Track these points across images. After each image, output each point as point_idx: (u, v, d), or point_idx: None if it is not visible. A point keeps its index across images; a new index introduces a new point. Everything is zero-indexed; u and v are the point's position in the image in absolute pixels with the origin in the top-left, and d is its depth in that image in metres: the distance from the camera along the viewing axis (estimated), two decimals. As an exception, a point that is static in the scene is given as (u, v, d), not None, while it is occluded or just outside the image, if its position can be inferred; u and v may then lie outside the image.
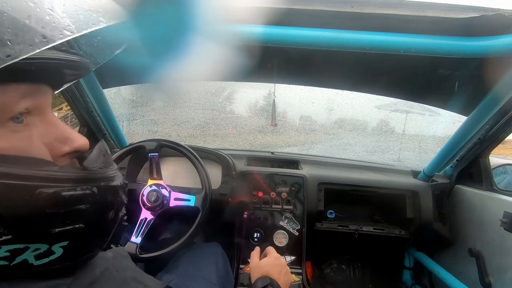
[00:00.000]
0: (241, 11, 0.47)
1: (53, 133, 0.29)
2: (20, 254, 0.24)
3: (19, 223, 0.24)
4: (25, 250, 0.24)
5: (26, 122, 0.27)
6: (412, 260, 1.38)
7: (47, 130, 0.29)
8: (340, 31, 0.64)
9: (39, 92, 0.28)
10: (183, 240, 0.84)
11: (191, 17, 0.35)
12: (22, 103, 0.26)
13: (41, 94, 0.28)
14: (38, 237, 0.25)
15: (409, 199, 1.16)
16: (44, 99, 0.29)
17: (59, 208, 0.26)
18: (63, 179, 0.26)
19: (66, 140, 0.30)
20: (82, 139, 0.31)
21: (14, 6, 0.20)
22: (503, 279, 0.93)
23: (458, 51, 0.62)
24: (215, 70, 0.40)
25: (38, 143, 0.28)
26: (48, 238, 0.26)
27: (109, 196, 0.31)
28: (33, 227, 0.25)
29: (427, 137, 1.63)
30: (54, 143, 0.29)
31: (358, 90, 1.16)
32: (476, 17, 0.57)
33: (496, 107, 0.83)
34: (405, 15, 0.60)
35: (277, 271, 0.67)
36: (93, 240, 0.31)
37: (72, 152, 0.30)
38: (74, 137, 0.30)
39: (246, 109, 1.87)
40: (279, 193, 1.16)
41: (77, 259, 0.29)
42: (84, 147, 0.31)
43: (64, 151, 0.29)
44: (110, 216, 0.31)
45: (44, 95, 0.29)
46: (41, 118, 0.29)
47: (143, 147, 0.95)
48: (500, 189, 1.06)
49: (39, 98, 0.28)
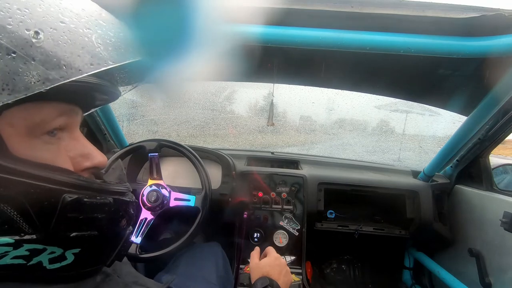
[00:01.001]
0: (241, 11, 0.47)
1: (78, 149, 0.33)
2: (37, 255, 0.27)
3: (43, 224, 0.26)
4: (43, 251, 0.27)
5: (58, 136, 0.31)
6: (412, 260, 1.38)
7: (73, 146, 0.32)
8: (340, 31, 0.64)
9: (72, 112, 0.32)
10: (183, 240, 0.84)
11: (191, 17, 0.35)
12: (58, 120, 0.30)
13: (73, 114, 0.32)
14: (56, 240, 0.28)
15: (409, 199, 1.16)
16: (75, 119, 0.33)
17: (79, 214, 0.28)
18: (86, 187, 0.30)
19: (88, 156, 0.33)
20: (102, 156, 0.35)
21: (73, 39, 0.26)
22: (503, 279, 0.93)
23: (458, 51, 0.62)
24: (215, 70, 0.40)
25: (65, 156, 0.31)
26: (64, 242, 0.28)
27: (122, 210, 0.34)
28: (54, 229, 0.27)
29: (427, 137, 1.63)
30: (77, 158, 0.32)
31: (358, 90, 1.16)
32: (476, 17, 0.57)
33: (496, 107, 0.83)
34: (405, 15, 0.60)
35: (277, 271, 0.67)
36: (101, 251, 0.33)
37: (92, 167, 0.34)
38: (95, 154, 0.34)
39: (246, 109, 1.87)
40: (279, 193, 1.16)
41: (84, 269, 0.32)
42: (103, 163, 0.35)
43: (85, 166, 0.33)
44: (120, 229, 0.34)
45: (75, 115, 0.33)
46: (70, 134, 0.32)
47: (143, 147, 0.95)
48: (500, 189, 1.06)
49: (71, 118, 0.32)
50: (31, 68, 0.23)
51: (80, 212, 0.29)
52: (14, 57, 0.23)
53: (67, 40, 0.25)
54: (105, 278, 0.34)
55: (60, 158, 0.30)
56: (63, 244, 0.28)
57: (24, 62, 0.23)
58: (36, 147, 0.28)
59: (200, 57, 0.38)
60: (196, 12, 0.35)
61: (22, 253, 0.26)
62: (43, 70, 0.24)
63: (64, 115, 0.30)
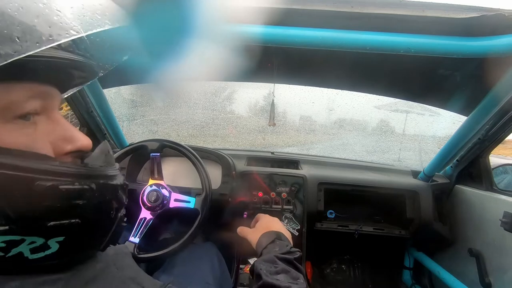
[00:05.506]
0: (241, 11, 0.47)
1: (58, 132, 0.30)
2: (15, 246, 0.25)
3: (17, 214, 0.24)
4: (21, 242, 0.25)
5: (33, 120, 0.28)
6: (412, 260, 1.38)
7: (52, 129, 0.30)
8: (340, 31, 0.64)
9: (47, 94, 0.29)
10: (182, 241, 0.84)
11: (191, 17, 0.35)
12: (30, 103, 0.27)
13: (48, 96, 0.30)
14: (34, 230, 0.26)
15: (409, 199, 1.16)
16: (51, 101, 0.30)
17: (56, 202, 0.26)
18: (61, 173, 0.27)
19: (70, 140, 0.31)
20: (85, 139, 0.32)
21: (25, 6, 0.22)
22: (503, 279, 0.93)
23: (458, 51, 0.62)
24: (215, 70, 0.40)
25: (43, 140, 0.29)
26: (44, 232, 0.26)
27: (108, 195, 0.31)
28: (30, 219, 0.25)
29: (427, 137, 1.63)
30: (58, 142, 0.30)
31: (358, 90, 1.16)
32: (476, 17, 0.57)
33: (496, 107, 0.83)
34: (405, 15, 0.60)
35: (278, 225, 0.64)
36: (90, 237, 0.31)
37: (75, 151, 0.31)
38: (78, 137, 0.31)
39: (246, 109, 1.87)
40: (279, 193, 1.16)
41: (73, 256, 0.30)
42: (86, 147, 0.32)
43: (67, 149, 0.30)
44: (108, 215, 0.32)
45: (51, 98, 0.30)
46: (48, 117, 0.30)
47: (145, 146, 0.95)
48: (500, 189, 1.06)
49: (47, 100, 0.29)
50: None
51: (57, 200, 0.26)
52: None
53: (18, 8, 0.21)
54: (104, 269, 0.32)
55: (38, 143, 0.28)
56: (43, 234, 0.26)
57: None
58: (9, 132, 0.26)
59: (200, 57, 0.38)
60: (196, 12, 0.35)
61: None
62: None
63: (38, 97, 0.28)
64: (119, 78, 1.09)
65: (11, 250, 0.25)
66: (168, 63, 0.37)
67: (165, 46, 0.37)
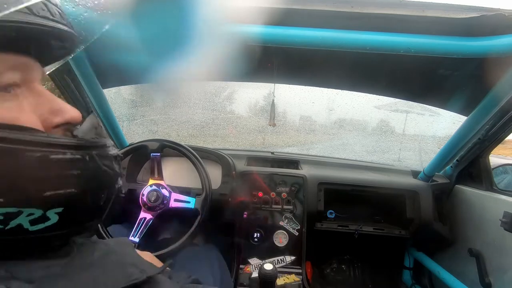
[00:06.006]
0: (241, 11, 0.47)
1: (44, 105, 0.29)
2: (13, 218, 0.24)
3: (10, 186, 0.24)
4: (19, 214, 0.25)
5: (15, 92, 0.27)
6: (412, 260, 1.38)
7: (38, 102, 0.29)
8: (340, 31, 0.64)
9: (25, 66, 0.28)
10: (182, 241, 0.84)
11: (191, 17, 0.35)
12: (8, 75, 0.26)
13: (27, 68, 0.28)
14: (30, 201, 0.25)
15: (409, 199, 1.16)
16: (32, 73, 0.29)
17: (48, 172, 0.26)
18: (50, 144, 0.26)
19: (57, 112, 0.30)
20: (74, 110, 0.31)
21: None
22: (503, 279, 0.93)
23: (458, 51, 0.62)
24: (215, 70, 0.40)
25: (29, 113, 0.28)
26: (41, 203, 0.26)
27: (103, 165, 0.30)
28: (23, 191, 0.25)
29: (427, 137, 1.63)
30: (45, 115, 0.29)
31: (358, 90, 1.16)
32: (476, 17, 0.57)
33: (496, 107, 0.83)
34: (405, 15, 0.60)
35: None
36: (89, 208, 0.31)
37: (64, 124, 0.30)
38: (66, 108, 0.30)
39: (246, 109, 1.87)
40: (279, 193, 1.16)
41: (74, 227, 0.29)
42: (76, 119, 0.31)
43: (55, 122, 0.29)
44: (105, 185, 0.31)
45: (31, 69, 0.29)
46: (30, 90, 0.29)
47: (145, 146, 0.95)
48: (500, 189, 1.06)
49: (26, 72, 0.28)
50: None
51: (49, 170, 0.26)
52: None
53: None
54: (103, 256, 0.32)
55: (24, 116, 0.27)
56: (40, 205, 0.26)
57: None
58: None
59: (200, 57, 0.38)
60: (197, 12, 0.35)
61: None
62: None
63: (16, 69, 0.27)
64: (119, 78, 1.09)
65: (9, 222, 0.24)
66: (168, 63, 0.37)
67: (165, 46, 0.37)
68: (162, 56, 0.37)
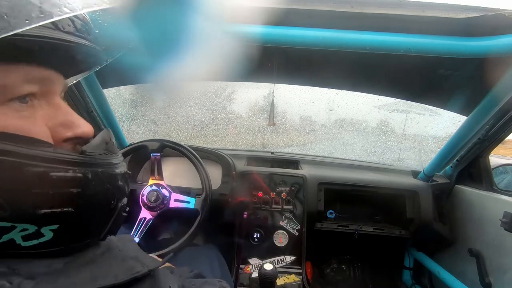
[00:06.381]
0: (241, 11, 0.47)
1: (58, 118, 0.29)
2: (6, 232, 0.24)
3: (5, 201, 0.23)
4: (12, 229, 0.24)
5: (32, 103, 0.27)
6: (412, 260, 1.38)
7: (52, 114, 0.28)
8: (340, 31, 0.64)
9: (46, 79, 0.28)
10: (181, 241, 0.84)
11: (191, 17, 0.35)
12: (26, 87, 0.26)
13: (48, 81, 0.28)
14: (24, 217, 0.24)
15: (409, 199, 1.16)
16: (52, 86, 0.29)
17: (46, 189, 0.25)
18: (53, 160, 0.25)
19: (70, 125, 0.29)
20: (86, 125, 0.30)
21: None
22: (503, 279, 0.93)
23: (458, 51, 0.62)
24: (215, 70, 0.40)
25: (41, 125, 0.27)
26: (36, 219, 0.25)
27: (107, 183, 0.30)
28: (20, 206, 0.24)
29: (427, 137, 1.63)
30: (57, 128, 0.29)
31: (358, 90, 1.16)
32: (476, 17, 0.57)
33: (496, 107, 0.83)
34: (405, 15, 0.60)
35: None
36: (87, 226, 0.30)
37: (75, 138, 0.29)
38: (78, 123, 0.30)
39: (246, 109, 1.87)
40: (279, 193, 1.16)
41: (70, 244, 0.29)
42: (87, 133, 0.30)
43: (66, 136, 0.29)
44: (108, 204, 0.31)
45: (52, 83, 0.29)
46: (48, 102, 0.28)
47: (145, 146, 0.95)
48: (500, 189, 1.06)
49: (47, 85, 0.28)
50: None
51: (48, 187, 0.25)
52: None
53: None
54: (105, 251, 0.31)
55: (35, 128, 0.26)
56: (34, 221, 0.25)
57: None
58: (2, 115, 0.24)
59: (200, 57, 0.38)
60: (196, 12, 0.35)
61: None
62: None
63: (36, 82, 0.26)
64: (119, 78, 1.09)
65: (1, 237, 0.24)
66: (168, 63, 0.37)
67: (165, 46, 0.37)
68: (162, 56, 0.37)
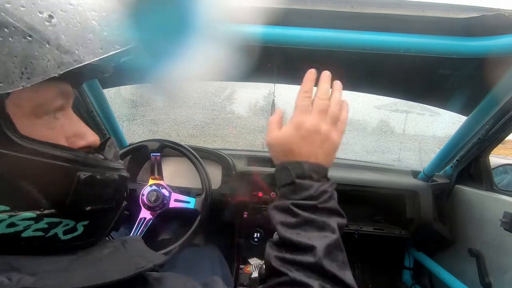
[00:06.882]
0: (241, 11, 0.47)
1: (73, 128, 0.33)
2: (54, 227, 0.28)
3: (61, 199, 0.28)
4: (59, 224, 0.28)
5: (56, 116, 0.31)
6: (412, 260, 1.38)
7: (69, 125, 0.32)
8: (340, 31, 0.64)
9: (68, 92, 0.32)
10: (181, 241, 0.84)
11: (191, 17, 0.35)
12: (58, 101, 0.30)
13: (69, 94, 0.32)
14: (71, 214, 0.29)
15: (409, 199, 1.16)
16: (70, 98, 0.33)
17: (92, 189, 0.30)
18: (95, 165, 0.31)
19: (82, 135, 0.34)
20: (94, 136, 0.35)
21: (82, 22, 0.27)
22: (503, 279, 0.93)
23: (458, 51, 0.62)
24: (215, 70, 0.40)
25: (62, 135, 0.31)
26: (78, 216, 0.30)
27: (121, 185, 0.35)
28: (70, 204, 0.29)
29: (427, 137, 1.63)
30: (72, 138, 0.33)
31: (358, 90, 1.16)
32: (476, 17, 0.57)
33: (496, 107, 0.83)
34: (405, 15, 0.60)
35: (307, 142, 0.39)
36: (105, 222, 0.35)
37: (86, 147, 0.34)
38: (89, 134, 0.35)
39: (246, 109, 1.87)
40: (279, 193, 1.16)
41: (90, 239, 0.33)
42: (96, 143, 0.35)
43: (80, 145, 0.33)
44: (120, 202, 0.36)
45: (71, 95, 0.33)
46: (65, 114, 0.32)
47: (145, 146, 0.95)
48: (500, 189, 1.06)
49: (68, 97, 0.32)
50: (46, 51, 0.24)
51: (93, 188, 0.30)
52: (31, 41, 0.23)
53: (77, 23, 0.26)
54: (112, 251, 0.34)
55: (59, 138, 0.30)
56: (76, 217, 0.30)
57: (40, 46, 0.23)
58: (39, 128, 0.28)
59: (200, 57, 0.38)
60: (196, 12, 0.36)
61: (42, 226, 0.27)
62: (58, 54, 0.24)
63: (62, 96, 0.31)
64: (119, 78, 1.09)
65: (50, 231, 0.28)
66: (168, 63, 0.37)
67: (165, 46, 0.37)
68: (162, 56, 0.37)
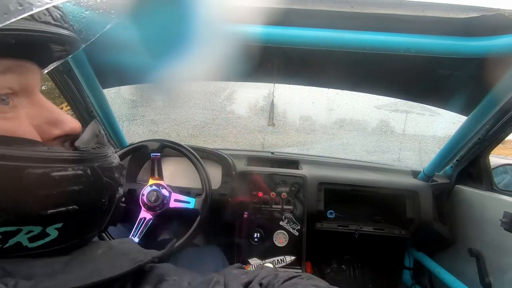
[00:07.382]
0: (241, 11, 0.47)
1: (43, 116, 0.28)
2: (12, 236, 0.24)
3: (9, 205, 0.23)
4: (18, 232, 0.24)
5: (13, 103, 0.26)
6: (412, 260, 1.38)
7: (36, 112, 0.27)
8: (340, 31, 0.64)
9: (24, 69, 0.26)
10: (181, 241, 0.84)
11: (191, 16, 0.35)
12: (3, 81, 0.24)
13: (26, 72, 0.27)
14: (29, 220, 0.24)
15: (409, 199, 1.16)
16: (30, 78, 0.27)
17: (49, 190, 0.25)
18: (52, 160, 0.25)
19: (57, 123, 0.28)
20: (73, 121, 0.30)
21: None
22: (503, 279, 0.93)
23: (458, 51, 0.62)
24: (215, 70, 0.40)
25: (27, 125, 0.26)
26: (41, 220, 0.25)
27: (105, 177, 0.30)
28: (24, 209, 0.24)
29: (427, 137, 1.63)
30: (44, 126, 0.28)
31: (358, 90, 1.16)
32: (476, 17, 0.57)
33: (496, 107, 0.83)
34: (405, 15, 0.60)
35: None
36: (89, 221, 0.30)
37: (63, 136, 0.29)
38: (66, 119, 0.29)
39: (246, 109, 1.87)
40: (279, 193, 1.16)
41: (74, 240, 0.29)
42: (76, 130, 0.30)
43: (54, 134, 0.28)
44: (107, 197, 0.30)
45: (29, 74, 0.27)
46: (30, 100, 0.27)
47: (145, 146, 0.95)
48: (500, 189, 1.06)
49: (24, 77, 0.26)
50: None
51: (51, 187, 0.25)
52: None
53: None
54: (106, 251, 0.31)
55: (22, 128, 0.25)
56: (39, 222, 0.25)
57: None
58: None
59: (200, 57, 0.38)
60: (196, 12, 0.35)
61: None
62: None
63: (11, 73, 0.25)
64: (119, 78, 1.09)
65: (8, 241, 0.23)
66: (168, 63, 0.37)
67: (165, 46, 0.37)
68: (162, 56, 0.37)
